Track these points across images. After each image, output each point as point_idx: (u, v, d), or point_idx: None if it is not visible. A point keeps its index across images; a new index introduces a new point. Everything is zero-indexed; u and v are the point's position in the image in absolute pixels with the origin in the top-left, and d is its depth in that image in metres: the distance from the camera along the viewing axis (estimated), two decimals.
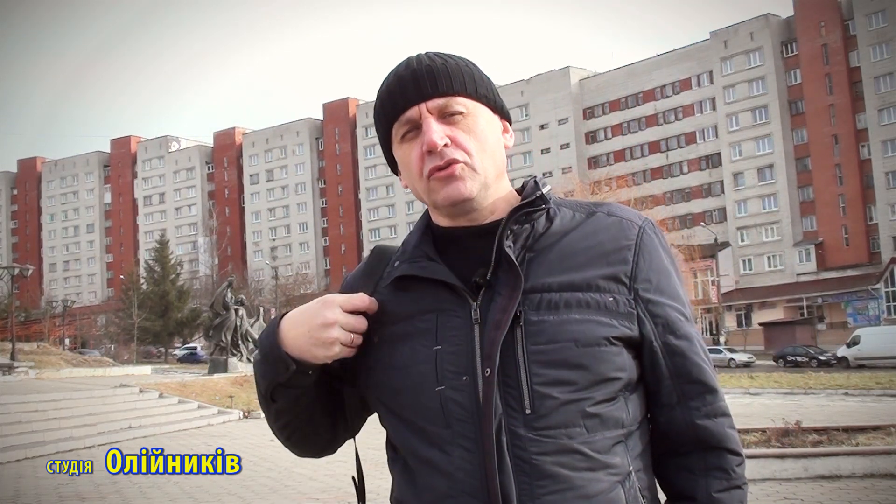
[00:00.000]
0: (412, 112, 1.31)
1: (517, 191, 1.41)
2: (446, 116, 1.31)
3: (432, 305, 1.30)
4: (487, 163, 1.32)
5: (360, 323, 1.31)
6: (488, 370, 1.23)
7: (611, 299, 1.28)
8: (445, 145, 1.29)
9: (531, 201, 1.33)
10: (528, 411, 1.22)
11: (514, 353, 1.23)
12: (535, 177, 1.40)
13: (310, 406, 1.40)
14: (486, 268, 1.29)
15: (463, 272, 1.30)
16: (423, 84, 1.30)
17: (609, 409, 1.25)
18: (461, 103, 1.31)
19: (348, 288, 1.43)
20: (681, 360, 1.31)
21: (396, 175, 1.43)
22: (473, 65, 1.37)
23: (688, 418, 1.31)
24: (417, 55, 1.35)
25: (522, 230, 1.32)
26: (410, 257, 1.36)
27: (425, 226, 1.41)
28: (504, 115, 1.40)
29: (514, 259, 1.27)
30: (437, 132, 1.29)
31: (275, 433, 1.51)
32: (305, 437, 1.47)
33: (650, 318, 1.30)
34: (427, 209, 1.42)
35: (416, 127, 1.31)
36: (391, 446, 1.37)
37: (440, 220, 1.39)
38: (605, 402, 1.25)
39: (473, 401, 1.23)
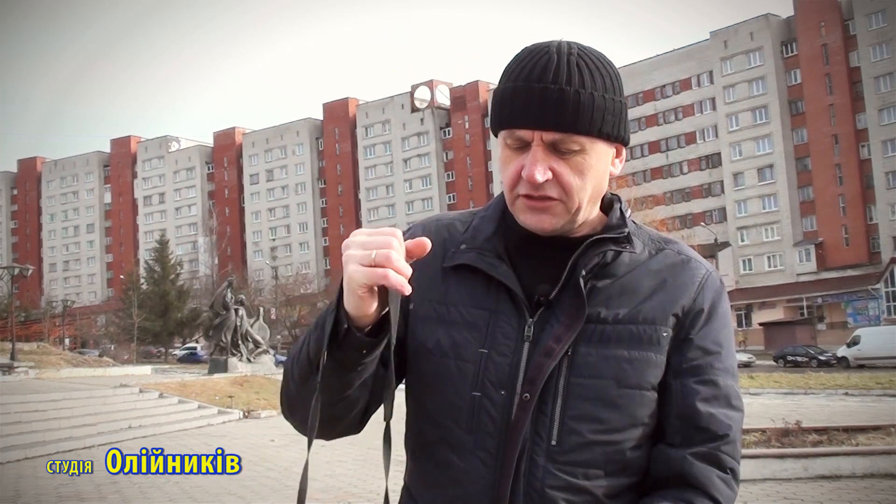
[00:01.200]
0: (525, 133, 1.22)
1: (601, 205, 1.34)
2: (558, 149, 1.22)
3: (487, 304, 1.26)
4: (584, 198, 1.25)
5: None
6: (527, 395, 1.20)
7: (664, 334, 1.25)
8: (546, 180, 1.22)
9: (615, 238, 1.28)
10: (553, 442, 1.20)
11: (554, 383, 1.21)
12: (621, 200, 1.35)
13: (355, 391, 1.22)
14: (552, 286, 1.25)
15: (528, 279, 1.26)
16: (546, 113, 1.20)
17: (634, 456, 1.24)
18: (577, 141, 1.22)
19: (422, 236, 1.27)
20: (690, 408, 1.25)
21: (496, 136, 1.32)
22: (611, 90, 1.24)
23: (679, 458, 1.24)
24: (558, 60, 1.21)
25: (594, 256, 1.26)
26: (480, 248, 1.29)
27: (500, 216, 1.33)
28: (621, 140, 1.28)
29: (583, 290, 1.23)
30: (540, 168, 1.21)
31: (293, 411, 1.29)
32: (337, 419, 1.28)
33: (678, 356, 1.26)
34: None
35: (526, 146, 1.23)
36: (408, 425, 1.34)
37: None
38: (633, 448, 1.23)
39: (504, 417, 1.21)
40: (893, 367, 33.22)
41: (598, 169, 1.25)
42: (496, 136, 1.31)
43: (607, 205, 1.35)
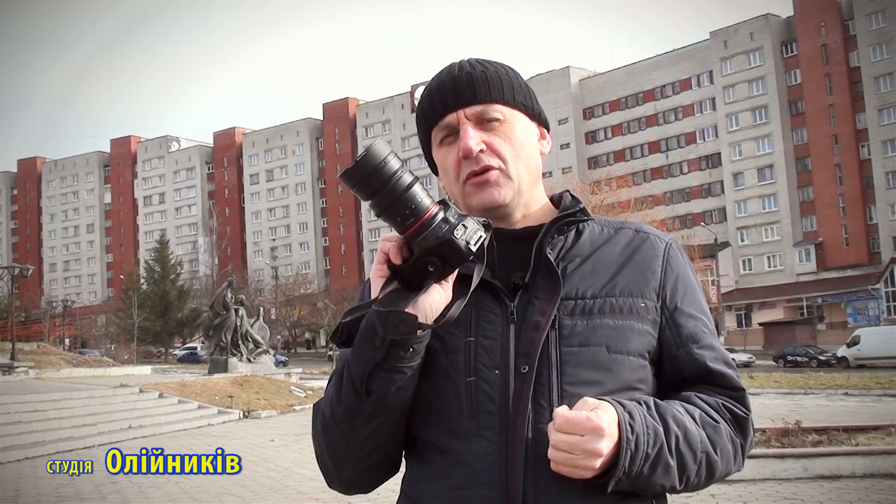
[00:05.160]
0: (451, 118, 1.36)
1: (551, 200, 1.46)
2: (483, 123, 1.36)
3: (468, 302, 1.30)
4: (522, 169, 1.37)
5: None
6: (525, 367, 1.26)
7: (642, 305, 1.34)
8: (481, 151, 1.34)
9: (573, 213, 1.39)
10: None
11: (547, 354, 1.27)
12: (570, 190, 1.47)
13: (404, 402, 1.29)
14: (524, 271, 1.33)
15: (502, 271, 1.33)
16: (462, 91, 1.35)
17: None
18: (498, 110, 1.36)
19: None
20: (703, 369, 1.35)
21: (436, 176, 1.45)
22: (513, 72, 1.41)
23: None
24: (460, 62, 1.40)
25: (558, 240, 1.37)
26: None
27: None
28: (542, 121, 1.45)
29: (555, 265, 1.32)
30: (473, 138, 1.33)
31: (341, 454, 1.32)
32: (385, 456, 1.34)
33: (674, 328, 1.35)
34: None
35: (454, 132, 1.36)
36: (407, 428, 1.36)
37: None
38: None
39: (503, 395, 1.26)
40: (893, 367, 33.26)
41: (526, 142, 1.38)
42: (429, 162, 1.44)
43: (559, 200, 1.46)
